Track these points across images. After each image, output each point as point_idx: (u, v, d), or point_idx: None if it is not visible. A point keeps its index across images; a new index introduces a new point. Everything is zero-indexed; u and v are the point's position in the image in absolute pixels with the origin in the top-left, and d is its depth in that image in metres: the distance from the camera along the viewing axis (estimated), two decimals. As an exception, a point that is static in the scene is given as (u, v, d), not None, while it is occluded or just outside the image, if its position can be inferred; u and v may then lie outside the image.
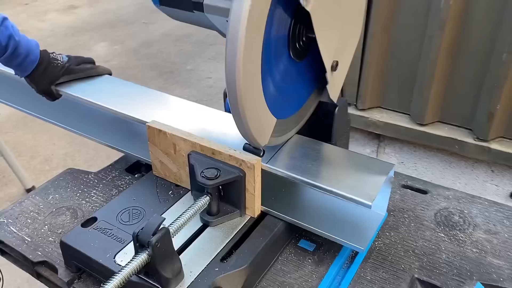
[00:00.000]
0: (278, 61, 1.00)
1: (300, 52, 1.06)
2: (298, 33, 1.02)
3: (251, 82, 0.86)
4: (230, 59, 0.79)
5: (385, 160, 1.20)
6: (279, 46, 0.99)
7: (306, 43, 1.06)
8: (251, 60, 0.83)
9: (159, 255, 0.92)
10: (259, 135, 0.96)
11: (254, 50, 0.83)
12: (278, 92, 1.04)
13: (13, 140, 3.69)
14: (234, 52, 0.78)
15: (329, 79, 1.12)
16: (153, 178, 1.29)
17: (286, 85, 1.07)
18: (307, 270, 1.11)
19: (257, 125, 0.94)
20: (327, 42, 1.03)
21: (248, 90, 0.86)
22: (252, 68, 0.84)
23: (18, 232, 1.23)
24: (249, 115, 0.89)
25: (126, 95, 1.39)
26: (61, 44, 5.48)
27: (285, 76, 1.05)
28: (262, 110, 0.94)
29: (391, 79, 1.85)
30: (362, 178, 1.05)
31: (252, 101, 0.89)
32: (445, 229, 1.23)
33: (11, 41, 1.25)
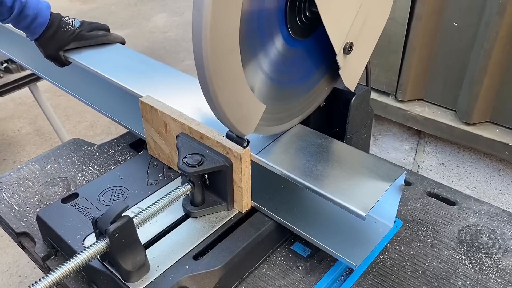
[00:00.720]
0: (271, 38, 0.86)
1: (303, 29, 0.91)
2: (299, 7, 0.87)
3: (225, 60, 0.72)
4: (196, 29, 0.66)
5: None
6: (271, 20, 0.83)
7: (311, 19, 0.90)
8: (224, 33, 0.69)
9: (118, 245, 0.83)
10: (240, 123, 0.83)
11: (227, 21, 0.69)
12: (273, 74, 0.90)
13: (64, 103, 3.81)
14: (199, 21, 0.65)
15: (341, 63, 0.96)
16: (147, 158, 1.21)
17: (285, 67, 0.92)
18: (294, 279, 0.98)
19: (237, 111, 0.80)
20: (335, 20, 0.87)
21: (221, 69, 0.72)
22: (225, 43, 0.70)
23: (9, 200, 1.20)
24: (223, 99, 0.76)
25: (132, 67, 1.31)
26: (123, 13, 5.58)
27: (282, 56, 0.90)
28: (243, 94, 0.80)
29: (437, 69, 1.62)
30: (362, 183, 0.90)
31: (228, 82, 0.75)
32: (468, 250, 1.04)
33: (16, 2, 1.20)
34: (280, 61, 0.90)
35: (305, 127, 1.05)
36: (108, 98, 1.41)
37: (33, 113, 3.73)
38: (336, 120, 1.15)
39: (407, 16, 1.56)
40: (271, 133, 0.99)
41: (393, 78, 1.70)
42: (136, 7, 5.76)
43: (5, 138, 3.46)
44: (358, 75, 1.05)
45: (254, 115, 0.85)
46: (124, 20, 5.36)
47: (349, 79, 1.02)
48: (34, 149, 3.34)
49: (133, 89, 1.19)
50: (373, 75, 1.74)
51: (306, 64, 0.98)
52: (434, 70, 1.63)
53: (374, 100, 1.76)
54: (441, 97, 1.66)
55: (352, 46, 0.95)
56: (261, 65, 0.85)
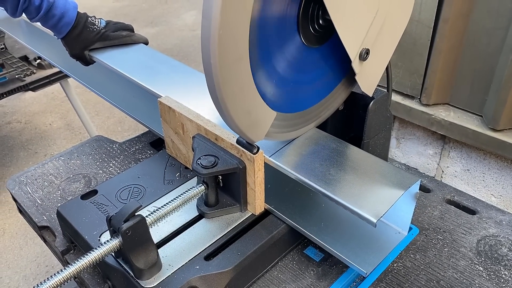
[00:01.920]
0: (284, 46, 0.85)
1: (317, 36, 0.90)
2: (312, 15, 0.86)
3: (234, 67, 0.72)
4: (204, 38, 0.67)
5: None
6: (283, 28, 0.82)
7: (325, 27, 0.89)
8: (232, 41, 0.69)
9: (130, 243, 0.85)
10: (249, 130, 0.83)
11: (236, 30, 0.69)
12: (286, 81, 0.89)
13: (94, 99, 3.90)
14: (208, 29, 0.66)
15: (357, 70, 0.94)
16: (165, 157, 1.22)
17: (299, 74, 0.91)
18: (305, 283, 0.98)
19: (246, 118, 0.80)
20: (349, 27, 0.85)
21: (230, 77, 0.72)
22: (234, 50, 0.70)
23: (32, 194, 1.25)
24: (232, 106, 0.76)
25: (154, 67, 1.33)
26: (153, 10, 5.66)
27: (296, 63, 0.89)
28: (252, 102, 0.80)
29: (464, 73, 1.57)
30: (375, 190, 0.88)
31: (237, 90, 0.75)
32: (486, 261, 1.01)
33: (44, 2, 1.25)
34: (293, 68, 0.89)
35: (320, 130, 1.05)
36: (130, 97, 1.44)
37: (65, 108, 3.84)
38: (355, 124, 1.14)
39: (433, 18, 1.53)
40: (285, 139, 0.99)
41: (418, 81, 1.66)
42: (166, 5, 5.84)
43: (37, 131, 3.57)
44: (376, 80, 1.03)
45: (264, 122, 0.85)
46: (154, 17, 5.44)
47: (366, 85, 1.00)
48: (64, 143, 3.44)
49: (153, 89, 1.22)
50: (397, 78, 1.71)
51: (321, 70, 0.97)
52: (461, 74, 1.59)
53: (398, 103, 1.73)
54: (468, 101, 1.62)
55: (369, 52, 0.93)
56: (272, 73, 0.84)
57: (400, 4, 0.93)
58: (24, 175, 1.31)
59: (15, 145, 3.43)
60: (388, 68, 1.11)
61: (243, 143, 0.91)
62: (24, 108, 3.86)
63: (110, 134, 3.52)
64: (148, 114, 1.37)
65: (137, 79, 1.26)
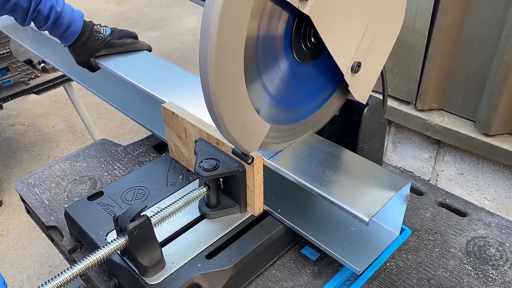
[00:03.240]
0: (277, 63, 0.89)
1: (309, 53, 0.94)
2: (304, 34, 0.90)
3: (230, 84, 0.77)
4: (202, 56, 0.71)
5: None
6: (276, 47, 0.87)
7: (317, 44, 0.93)
8: (228, 60, 0.74)
9: (136, 242, 0.90)
10: (245, 142, 0.88)
11: (232, 49, 0.73)
12: (280, 95, 0.94)
13: (96, 102, 3.95)
14: (205, 49, 0.70)
15: (350, 82, 0.99)
16: (167, 160, 1.27)
17: (292, 88, 0.96)
18: (302, 281, 1.03)
19: (241, 130, 0.85)
20: (340, 44, 0.90)
21: (225, 93, 0.77)
22: (230, 69, 0.75)
23: (40, 195, 1.30)
24: (228, 120, 0.80)
25: (157, 73, 1.38)
26: (155, 14, 5.72)
27: (289, 79, 0.93)
28: (247, 115, 0.85)
29: (457, 80, 1.62)
30: (367, 191, 0.93)
31: (232, 104, 0.80)
32: (474, 261, 1.06)
33: (52, 11, 1.29)
34: (287, 83, 0.94)
35: (316, 135, 1.10)
36: (134, 101, 1.49)
37: (67, 110, 3.89)
38: (350, 129, 1.19)
39: (428, 27, 1.58)
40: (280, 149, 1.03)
41: (413, 87, 1.72)
42: (168, 9, 5.89)
43: (40, 134, 3.62)
44: (369, 88, 1.08)
45: (259, 134, 0.90)
46: (156, 21, 5.50)
47: (360, 94, 1.05)
48: (67, 145, 3.49)
49: (157, 95, 1.26)
50: (393, 84, 1.76)
51: (314, 83, 1.01)
52: (454, 80, 1.64)
53: (394, 108, 1.78)
54: (461, 107, 1.67)
55: (360, 65, 0.98)
56: (266, 88, 0.89)
57: (390, 15, 0.98)
58: (32, 177, 1.36)
59: (19, 147, 3.48)
60: (383, 75, 1.16)
61: (238, 154, 0.96)
62: (27, 111, 3.91)
63: (112, 137, 3.57)
64: (151, 118, 1.42)
65: (142, 85, 1.31)
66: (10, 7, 1.27)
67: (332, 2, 0.82)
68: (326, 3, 0.81)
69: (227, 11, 0.68)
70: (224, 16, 0.68)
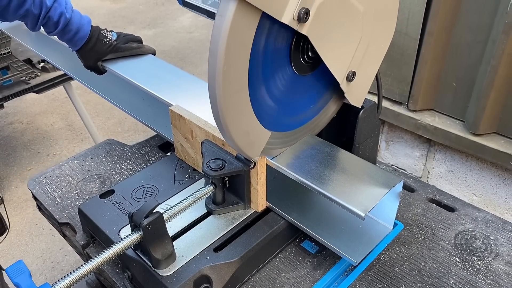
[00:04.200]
0: (277, 76, 0.97)
1: (307, 66, 1.01)
2: (302, 49, 0.97)
3: (235, 97, 0.84)
4: (210, 72, 0.79)
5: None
6: (276, 61, 0.94)
7: (314, 57, 1.00)
8: (234, 76, 0.81)
9: (150, 236, 0.97)
10: (248, 148, 0.95)
11: (238, 66, 0.81)
12: (281, 105, 1.01)
13: (94, 100, 4.00)
14: (214, 66, 0.77)
15: (345, 90, 1.06)
16: (174, 160, 1.34)
17: (291, 99, 1.03)
18: (302, 272, 1.11)
19: (245, 138, 0.93)
20: (335, 57, 0.97)
21: (231, 105, 0.84)
22: (236, 84, 0.82)
23: (52, 193, 1.36)
24: (233, 129, 0.88)
25: (162, 77, 1.44)
26: (151, 12, 5.75)
27: (288, 89, 1.01)
28: (250, 124, 0.92)
29: (447, 82, 1.71)
30: (363, 188, 1.01)
31: (237, 115, 0.87)
32: (462, 253, 1.15)
33: (62, 18, 1.35)
34: (286, 94, 1.01)
35: (316, 137, 1.17)
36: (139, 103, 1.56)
37: (65, 109, 3.93)
38: (346, 130, 1.26)
39: (419, 32, 1.66)
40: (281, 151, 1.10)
41: (405, 89, 1.80)
42: (163, 7, 5.93)
43: (39, 132, 3.67)
44: (364, 93, 1.15)
45: (260, 141, 0.98)
46: (152, 19, 5.54)
47: (355, 99, 1.12)
48: (66, 143, 3.54)
49: (163, 98, 1.33)
50: (386, 86, 1.84)
51: (312, 92, 1.08)
52: (444, 82, 1.72)
53: (387, 109, 1.87)
54: (451, 108, 1.76)
55: (355, 74, 1.05)
56: (268, 99, 0.97)
57: (382, 25, 1.05)
58: (43, 176, 1.42)
59: (18, 145, 3.52)
60: (378, 79, 1.23)
61: (242, 159, 1.04)
62: (25, 109, 3.95)
63: (111, 135, 3.62)
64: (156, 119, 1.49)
65: (148, 88, 1.37)
66: (22, 14, 1.32)
67: (327, 21, 0.89)
68: (321, 23, 0.88)
69: (234, 32, 0.75)
70: (232, 36, 0.75)
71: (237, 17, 0.74)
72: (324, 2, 0.84)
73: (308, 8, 0.82)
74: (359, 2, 0.92)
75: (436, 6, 1.57)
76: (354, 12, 0.93)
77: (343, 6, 0.89)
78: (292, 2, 0.79)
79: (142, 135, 3.60)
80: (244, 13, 0.75)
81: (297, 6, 0.80)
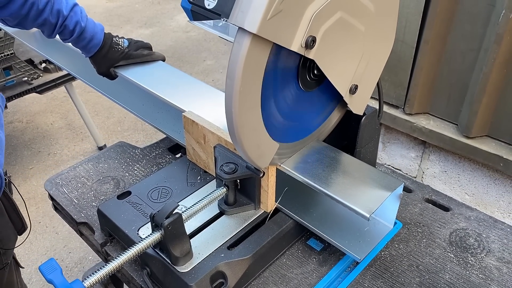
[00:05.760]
0: (286, 93, 1.05)
1: (312, 83, 1.09)
2: (308, 68, 1.05)
3: (249, 114, 0.93)
4: (228, 93, 0.87)
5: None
6: (285, 81, 1.02)
7: (319, 75, 1.08)
8: (249, 95, 0.89)
9: (170, 236, 1.04)
10: (258, 160, 1.03)
11: (252, 87, 0.89)
12: (289, 119, 1.09)
13: (93, 99, 4.05)
14: (231, 88, 0.85)
15: (348, 101, 1.15)
16: (186, 162, 1.41)
17: (298, 112, 1.11)
18: (309, 268, 1.19)
19: (256, 150, 1.01)
20: (339, 74, 1.05)
21: (245, 121, 0.92)
22: (250, 102, 0.91)
23: (69, 194, 1.43)
24: (246, 143, 0.96)
25: (172, 82, 1.51)
26: (147, 11, 5.79)
27: (295, 104, 1.09)
28: (261, 138, 1.00)
29: (442, 87, 1.80)
30: (367, 191, 1.10)
31: (250, 130, 0.95)
32: (456, 250, 1.24)
33: (77, 26, 1.41)
34: (294, 109, 1.09)
35: (322, 142, 1.25)
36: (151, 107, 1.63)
37: (65, 108, 3.98)
38: (348, 134, 1.35)
39: (416, 39, 1.74)
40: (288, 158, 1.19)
41: (402, 93, 1.88)
42: (159, 6, 5.96)
43: (39, 131, 3.71)
44: (365, 102, 1.23)
45: (270, 153, 1.06)
46: (148, 18, 5.58)
47: (357, 108, 1.21)
48: (66, 142, 3.59)
49: (176, 104, 1.40)
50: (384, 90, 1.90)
51: (318, 104, 1.17)
52: (439, 87, 1.81)
53: (384, 112, 1.95)
54: (445, 111, 1.85)
55: (357, 87, 1.13)
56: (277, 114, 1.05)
57: (382, 40, 1.13)
58: (59, 177, 1.49)
59: (19, 144, 3.56)
60: (379, 87, 1.31)
61: (252, 169, 1.13)
62: (25, 108, 3.98)
63: (111, 134, 3.67)
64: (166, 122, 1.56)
65: (161, 94, 1.44)
66: (40, 22, 1.38)
67: (332, 44, 0.97)
68: (327, 47, 0.96)
69: (249, 59, 0.84)
70: (247, 63, 0.84)
71: (252, 47, 0.83)
72: (329, 28, 0.92)
73: (314, 36, 0.90)
74: (360, 23, 1.00)
75: (432, 16, 1.66)
76: (356, 33, 1.01)
77: (346, 28, 0.97)
78: (300, 31, 0.87)
79: (142, 134, 3.66)
80: (258, 43, 0.83)
81: (305, 35, 0.88)
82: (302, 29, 0.87)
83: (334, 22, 0.92)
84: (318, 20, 0.88)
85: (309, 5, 0.86)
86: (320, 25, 0.90)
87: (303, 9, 0.85)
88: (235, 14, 0.80)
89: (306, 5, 0.85)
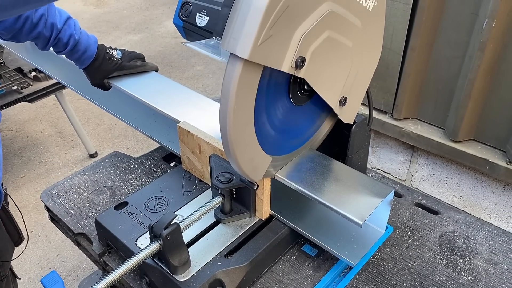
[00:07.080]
0: (277, 108, 1.08)
1: (303, 98, 1.13)
2: (299, 84, 1.09)
3: (242, 129, 0.96)
4: (222, 111, 0.90)
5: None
6: (276, 97, 1.05)
7: (309, 90, 1.11)
8: (242, 112, 0.92)
9: (168, 246, 1.07)
10: (252, 173, 1.06)
11: (245, 104, 0.92)
12: (281, 133, 1.12)
13: (83, 107, 4.04)
14: (226, 106, 0.88)
15: (339, 112, 1.18)
16: (181, 172, 1.44)
17: (290, 126, 1.15)
18: (304, 274, 1.22)
19: (249, 164, 1.04)
20: (328, 88, 1.08)
21: (239, 137, 0.95)
22: (243, 119, 0.94)
23: (65, 205, 1.44)
24: (240, 157, 0.99)
25: (166, 93, 1.53)
26: (135, 17, 5.78)
27: (287, 119, 1.12)
28: (254, 152, 1.04)
29: (428, 93, 1.85)
30: (359, 198, 1.13)
31: (243, 145, 0.98)
32: (446, 252, 1.28)
33: (71, 39, 1.43)
34: (285, 123, 1.12)
35: (315, 151, 1.29)
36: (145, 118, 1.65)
37: (54, 115, 3.97)
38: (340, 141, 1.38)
39: (403, 47, 1.79)
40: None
41: (390, 99, 1.93)
42: (147, 12, 5.97)
43: (29, 139, 3.70)
44: (355, 112, 1.26)
45: (262, 166, 1.09)
46: (137, 24, 5.58)
47: (347, 118, 1.24)
48: (57, 150, 3.58)
49: (171, 114, 1.42)
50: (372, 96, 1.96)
51: (308, 118, 1.20)
52: (426, 93, 1.86)
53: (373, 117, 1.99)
54: (432, 117, 1.90)
55: (347, 99, 1.17)
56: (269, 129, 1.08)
57: (369, 52, 1.16)
58: (55, 188, 1.50)
59: (9, 153, 3.55)
60: (369, 95, 1.35)
61: (246, 182, 1.16)
62: (14, 116, 3.96)
63: (102, 141, 3.68)
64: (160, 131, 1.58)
65: (154, 105, 1.46)
66: (34, 36, 1.40)
67: (320, 62, 1.00)
68: (316, 65, 0.99)
69: (242, 80, 0.87)
70: (240, 83, 0.87)
71: (244, 70, 0.86)
72: (317, 48, 0.95)
73: (304, 56, 0.93)
74: (347, 39, 1.03)
75: (418, 24, 1.70)
76: (344, 49, 1.04)
77: (334, 46, 1.01)
78: (289, 53, 0.90)
79: (133, 140, 3.67)
80: (250, 66, 0.86)
81: (295, 55, 0.90)
82: (292, 51, 0.90)
83: (322, 42, 0.95)
84: (306, 41, 0.91)
85: (297, 28, 0.89)
86: (309, 46, 0.93)
87: (292, 33, 0.88)
88: (227, 40, 0.83)
89: (294, 28, 0.88)
